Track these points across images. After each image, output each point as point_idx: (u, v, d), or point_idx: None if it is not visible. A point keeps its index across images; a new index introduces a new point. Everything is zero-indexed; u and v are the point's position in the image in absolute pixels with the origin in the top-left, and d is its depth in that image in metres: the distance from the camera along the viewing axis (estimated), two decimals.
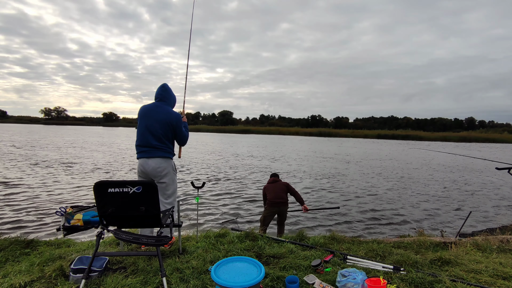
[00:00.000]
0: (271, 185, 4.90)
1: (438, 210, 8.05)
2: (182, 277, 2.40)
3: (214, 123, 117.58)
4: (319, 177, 12.55)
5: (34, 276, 2.32)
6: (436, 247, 3.49)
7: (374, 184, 11.42)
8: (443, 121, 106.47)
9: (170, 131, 3.03)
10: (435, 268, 2.77)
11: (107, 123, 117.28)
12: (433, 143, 50.94)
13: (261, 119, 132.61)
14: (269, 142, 39.95)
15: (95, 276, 2.31)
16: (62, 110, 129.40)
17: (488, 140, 62.25)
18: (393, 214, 7.52)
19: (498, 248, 3.48)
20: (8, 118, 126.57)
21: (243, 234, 3.47)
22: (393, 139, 65.10)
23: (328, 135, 76.27)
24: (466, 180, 13.22)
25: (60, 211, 2.52)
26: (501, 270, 2.66)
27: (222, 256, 2.83)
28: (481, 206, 8.69)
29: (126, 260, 2.68)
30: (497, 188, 11.47)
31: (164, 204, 2.98)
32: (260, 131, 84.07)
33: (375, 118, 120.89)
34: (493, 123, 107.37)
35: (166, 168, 3.00)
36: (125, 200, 2.20)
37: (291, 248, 3.13)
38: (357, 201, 8.66)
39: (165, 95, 3.12)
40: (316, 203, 8.30)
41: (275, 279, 2.38)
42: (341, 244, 3.38)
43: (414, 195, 9.71)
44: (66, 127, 77.25)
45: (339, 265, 2.76)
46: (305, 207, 4.81)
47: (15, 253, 2.87)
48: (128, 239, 2.22)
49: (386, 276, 2.49)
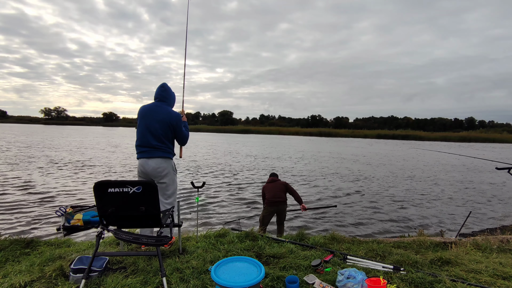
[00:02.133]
0: (270, 185, 4.91)
1: (438, 210, 8.05)
2: (182, 277, 2.39)
3: (214, 123, 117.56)
4: (319, 177, 12.55)
5: (34, 276, 2.32)
6: (436, 247, 3.49)
7: (374, 184, 11.42)
8: (443, 121, 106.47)
9: (170, 131, 3.03)
10: (435, 268, 2.77)
11: (107, 123, 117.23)
12: (433, 143, 50.93)
13: (261, 119, 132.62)
14: (269, 142, 39.94)
15: (95, 276, 2.31)
16: (62, 110, 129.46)
17: (488, 140, 62.25)
18: (393, 214, 7.52)
19: (498, 248, 3.48)
20: (8, 118, 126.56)
21: (243, 234, 3.47)
22: (393, 139, 65.10)
23: (328, 135, 76.29)
24: (466, 180, 13.22)
25: (60, 211, 2.52)
26: (501, 270, 2.66)
27: (222, 256, 2.82)
28: (481, 206, 8.69)
29: (126, 260, 2.68)
30: (497, 188, 11.47)
31: (164, 204, 2.98)
32: (260, 131, 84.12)
33: (375, 118, 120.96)
34: (493, 123, 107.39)
35: (166, 168, 3.00)
36: (125, 200, 2.20)
37: (291, 248, 3.13)
38: (357, 201, 8.66)
39: (164, 95, 3.12)
40: (315, 202, 8.30)
41: (275, 279, 2.38)
42: (341, 244, 3.38)
43: (414, 195, 9.71)
44: (66, 127, 77.24)
45: (339, 265, 2.76)
46: (303, 206, 4.83)
47: (15, 253, 2.87)
48: (128, 239, 2.21)
49: (386, 276, 2.49)
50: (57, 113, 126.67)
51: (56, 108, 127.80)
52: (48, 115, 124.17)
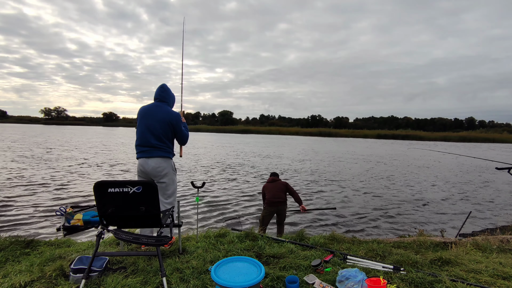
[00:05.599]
0: (270, 184, 4.91)
1: (438, 210, 8.05)
2: (182, 277, 2.39)
3: (214, 123, 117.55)
4: (319, 177, 12.54)
5: (34, 276, 2.32)
6: (436, 247, 3.48)
7: (374, 184, 11.42)
8: (443, 121, 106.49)
9: (170, 130, 3.03)
10: (435, 268, 2.77)
11: (107, 123, 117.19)
12: (433, 143, 50.92)
13: (261, 119, 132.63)
14: (269, 142, 39.93)
15: (95, 276, 2.31)
16: (62, 110, 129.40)
17: (488, 140, 62.26)
18: (393, 214, 7.52)
19: (498, 248, 3.48)
20: (8, 118, 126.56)
21: (243, 234, 3.47)
22: (393, 139, 65.10)
23: (328, 135, 76.30)
24: (466, 180, 13.22)
25: (60, 211, 2.51)
26: (501, 270, 2.66)
27: (222, 256, 2.82)
28: (481, 206, 8.69)
29: (126, 260, 2.68)
30: (497, 188, 11.47)
31: (164, 204, 2.98)
32: (260, 131, 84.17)
33: (375, 118, 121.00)
34: (493, 123, 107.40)
35: (166, 168, 3.00)
36: (125, 200, 2.20)
37: (291, 248, 3.13)
38: (357, 201, 8.66)
39: (164, 95, 3.13)
40: (315, 200, 8.30)
41: (275, 279, 2.38)
42: (341, 244, 3.38)
43: (414, 195, 9.71)
44: (66, 127, 77.23)
45: (339, 265, 2.75)
46: (303, 207, 4.82)
47: (15, 253, 2.87)
48: (128, 239, 2.21)
49: (386, 276, 2.49)
50: (57, 113, 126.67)
51: (56, 108, 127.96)
52: (48, 115, 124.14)
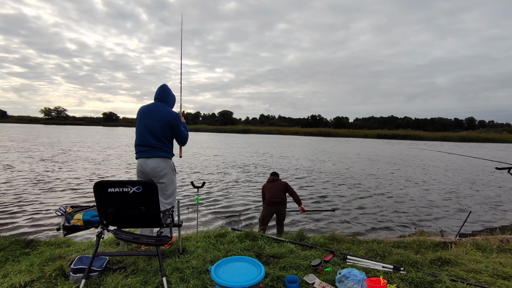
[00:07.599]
0: (270, 184, 4.91)
1: (438, 210, 8.05)
2: (182, 277, 2.39)
3: (214, 123, 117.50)
4: (319, 177, 12.55)
5: (34, 276, 2.32)
6: (436, 247, 3.49)
7: (374, 184, 11.42)
8: (443, 121, 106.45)
9: (169, 130, 3.03)
10: (435, 268, 2.77)
11: (107, 123, 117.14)
12: (433, 143, 50.92)
13: (261, 119, 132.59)
14: (269, 142, 39.93)
15: (95, 276, 2.31)
16: (62, 110, 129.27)
17: (488, 140, 62.24)
18: (393, 214, 7.52)
19: (498, 248, 3.48)
20: (8, 118, 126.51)
21: (243, 234, 3.47)
22: (393, 139, 65.09)
23: (328, 135, 76.31)
24: (466, 180, 13.22)
25: (60, 211, 2.51)
26: (501, 270, 2.66)
27: (222, 256, 2.82)
28: (481, 206, 8.70)
29: (126, 260, 2.68)
30: (497, 188, 11.47)
31: (164, 204, 2.98)
32: (260, 131, 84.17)
33: (375, 118, 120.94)
34: (493, 123, 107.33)
35: (165, 168, 3.00)
36: (125, 200, 2.20)
37: (291, 248, 3.13)
38: (357, 201, 8.66)
39: (164, 96, 3.13)
40: (315, 199, 8.30)
41: (275, 279, 2.38)
42: (341, 244, 3.38)
43: (414, 195, 9.71)
44: (66, 127, 77.24)
45: (339, 265, 2.76)
46: (302, 207, 4.81)
47: (15, 253, 2.87)
48: (128, 239, 2.21)
49: (386, 276, 2.49)
50: (57, 113, 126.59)
51: (56, 108, 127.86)
52: (48, 115, 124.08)
